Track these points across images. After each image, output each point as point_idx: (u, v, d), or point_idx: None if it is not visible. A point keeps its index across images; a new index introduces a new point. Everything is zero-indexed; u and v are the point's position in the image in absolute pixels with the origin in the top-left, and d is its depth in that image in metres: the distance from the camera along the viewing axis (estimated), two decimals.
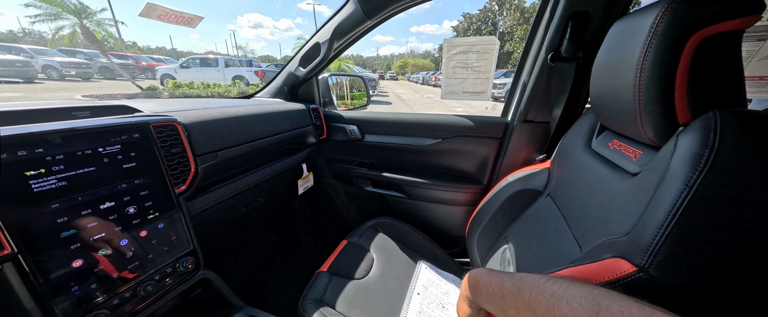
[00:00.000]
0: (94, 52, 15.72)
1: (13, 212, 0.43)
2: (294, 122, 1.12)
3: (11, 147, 0.43)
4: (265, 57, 62.19)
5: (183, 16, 0.85)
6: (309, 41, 1.08)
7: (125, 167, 0.57)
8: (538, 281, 0.33)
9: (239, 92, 10.13)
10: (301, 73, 1.13)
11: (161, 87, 11.01)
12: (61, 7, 10.70)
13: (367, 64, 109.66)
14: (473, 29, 48.91)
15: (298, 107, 1.17)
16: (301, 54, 1.11)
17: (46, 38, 12.23)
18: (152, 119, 0.63)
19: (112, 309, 0.53)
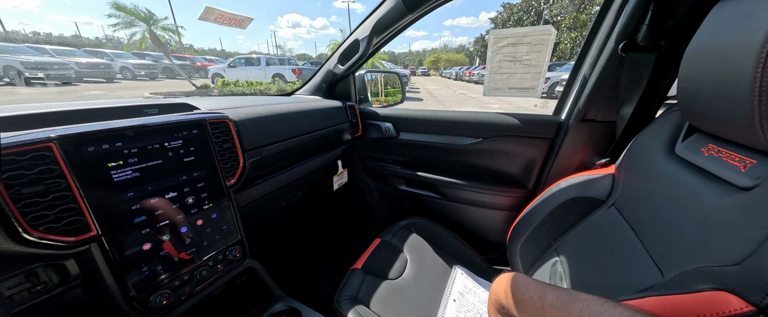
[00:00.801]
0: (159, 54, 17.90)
1: (98, 198, 0.48)
2: (331, 119, 1.14)
3: (98, 141, 0.49)
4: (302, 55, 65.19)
5: (235, 18, 0.92)
6: (348, 39, 1.08)
7: (185, 160, 0.62)
8: (594, 303, 0.28)
9: (278, 88, 10.76)
10: (340, 70, 1.14)
11: (212, 85, 12.15)
12: (134, 16, 12.36)
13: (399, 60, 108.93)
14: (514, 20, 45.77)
15: (335, 104, 1.19)
16: (340, 52, 1.11)
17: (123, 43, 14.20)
18: (208, 116, 0.68)
19: (174, 289, 0.58)
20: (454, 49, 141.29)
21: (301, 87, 1.40)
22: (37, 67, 11.24)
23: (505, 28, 9.94)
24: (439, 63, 63.16)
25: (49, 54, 12.44)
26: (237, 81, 11.17)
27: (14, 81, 10.79)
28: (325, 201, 1.47)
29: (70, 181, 0.45)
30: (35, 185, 0.42)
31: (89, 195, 0.47)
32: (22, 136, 0.42)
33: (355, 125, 1.26)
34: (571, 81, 0.88)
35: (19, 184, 0.41)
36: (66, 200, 0.45)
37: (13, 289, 0.42)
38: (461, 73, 29.00)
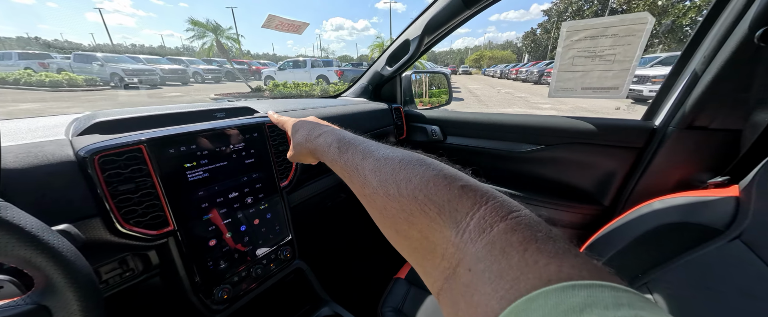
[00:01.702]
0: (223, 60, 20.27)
1: (176, 196, 0.53)
2: (377, 122, 1.12)
3: (177, 143, 0.54)
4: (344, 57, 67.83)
5: (293, 24, 0.97)
6: (396, 40, 1.05)
7: (246, 162, 0.65)
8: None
9: (322, 89, 11.33)
10: (387, 72, 1.12)
11: (264, 86, 13.32)
12: (205, 28, 14.22)
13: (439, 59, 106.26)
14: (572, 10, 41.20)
15: (381, 106, 1.17)
16: (388, 53, 1.09)
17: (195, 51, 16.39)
18: (266, 119, 0.70)
19: (233, 285, 0.61)
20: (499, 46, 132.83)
21: (347, 89, 1.42)
22: (133, 73, 13.61)
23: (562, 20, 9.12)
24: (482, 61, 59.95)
25: (142, 62, 14.98)
26: (285, 82, 12.06)
27: (117, 85, 13.22)
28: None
29: (154, 179, 0.50)
30: (128, 183, 0.47)
31: (169, 193, 0.52)
32: (119, 139, 0.48)
33: (399, 128, 1.23)
34: (670, 80, 0.71)
35: (116, 182, 0.46)
36: (151, 198, 0.50)
37: (109, 273, 0.48)
38: (507, 71, 27.08)
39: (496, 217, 0.16)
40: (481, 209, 0.17)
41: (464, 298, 0.15)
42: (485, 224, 0.16)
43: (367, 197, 0.25)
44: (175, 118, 0.61)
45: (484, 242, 0.16)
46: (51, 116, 0.59)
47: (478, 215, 0.17)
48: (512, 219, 0.16)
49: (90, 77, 12.96)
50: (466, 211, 0.18)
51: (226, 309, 0.61)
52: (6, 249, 0.25)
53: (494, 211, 0.17)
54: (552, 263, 0.13)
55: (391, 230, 0.23)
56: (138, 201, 0.48)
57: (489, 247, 0.15)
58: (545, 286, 0.12)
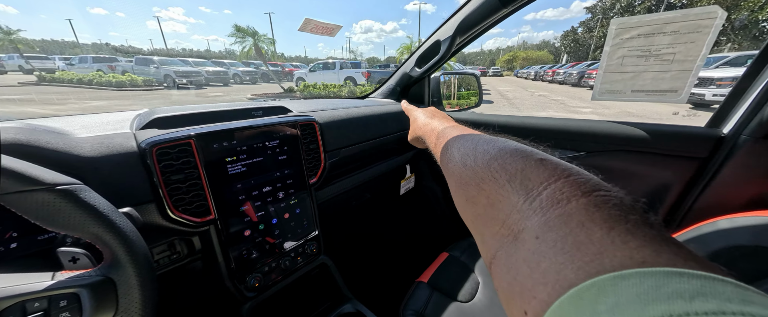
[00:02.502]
0: (259, 63, 21.65)
1: (217, 188, 0.57)
2: (403, 123, 1.12)
3: (219, 139, 0.58)
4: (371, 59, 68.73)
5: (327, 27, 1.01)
6: (427, 41, 1.04)
7: (279, 158, 0.69)
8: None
9: (349, 90, 11.59)
10: (416, 73, 1.11)
11: (296, 87, 13.96)
12: (245, 33, 15.30)
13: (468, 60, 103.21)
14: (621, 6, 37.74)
15: None
16: (418, 54, 1.08)
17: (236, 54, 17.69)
18: (299, 118, 0.74)
19: (264, 274, 0.65)
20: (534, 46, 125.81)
21: (375, 90, 1.44)
22: (183, 75, 15.03)
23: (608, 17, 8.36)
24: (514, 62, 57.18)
25: (190, 65, 16.50)
26: (315, 84, 12.54)
27: (170, 85, 14.68)
28: (391, 205, 1.47)
29: (200, 171, 0.55)
30: (179, 173, 0.52)
31: (211, 184, 0.56)
32: (172, 133, 0.53)
33: None
34: (746, 82, 0.62)
35: (169, 172, 0.51)
36: (196, 188, 0.54)
37: (160, 254, 0.53)
38: (542, 72, 25.54)
39: (576, 191, 0.15)
40: (558, 182, 0.16)
41: (528, 264, 0.14)
42: (561, 195, 0.15)
43: (449, 169, 0.27)
44: (219, 115, 0.66)
45: (558, 213, 0.15)
46: (118, 112, 0.68)
47: (554, 186, 0.16)
48: (597, 197, 0.15)
49: (148, 78, 14.57)
50: (539, 181, 0.17)
51: (256, 296, 0.64)
52: (83, 226, 0.29)
53: (575, 185, 0.16)
54: (647, 247, 0.12)
55: (462, 197, 0.24)
56: (186, 190, 0.53)
57: (564, 218, 0.14)
58: (639, 267, 0.11)
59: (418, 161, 1.35)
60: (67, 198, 0.28)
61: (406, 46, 16.46)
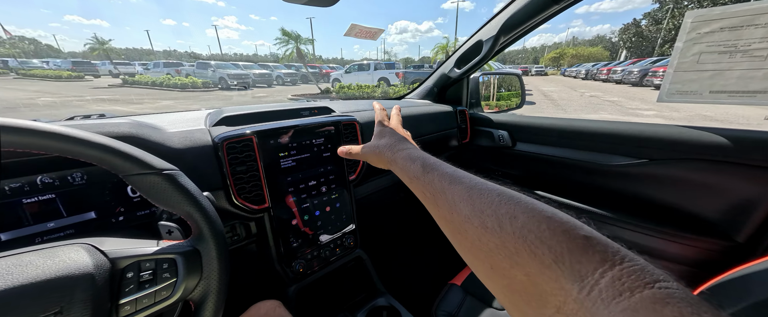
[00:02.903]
0: (299, 65, 23.01)
1: (271, 179, 0.64)
2: (440, 124, 1.12)
3: (276, 136, 0.65)
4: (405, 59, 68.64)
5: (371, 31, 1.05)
6: (468, 41, 1.03)
7: (324, 155, 0.74)
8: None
9: (382, 91, 11.73)
10: (455, 74, 1.10)
11: (332, 88, 14.55)
12: (289, 37, 16.38)
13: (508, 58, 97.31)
14: None
15: (445, 108, 1.16)
16: (458, 55, 1.07)
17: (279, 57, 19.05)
18: (342, 118, 0.78)
19: (307, 261, 0.70)
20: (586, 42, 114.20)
21: (412, 91, 1.45)
22: (234, 77, 16.61)
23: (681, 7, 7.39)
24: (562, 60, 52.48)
25: (241, 68, 18.16)
26: (350, 85, 12.94)
27: (223, 87, 16.31)
28: (421, 208, 1.47)
29: (259, 164, 0.62)
30: (242, 165, 0.59)
31: (267, 176, 0.63)
32: (238, 130, 0.61)
33: (463, 131, 1.20)
34: None
35: (235, 163, 0.58)
36: (255, 179, 0.61)
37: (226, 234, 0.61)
38: (595, 70, 23.06)
39: (637, 281, 0.15)
40: (614, 269, 0.16)
41: None
42: (622, 287, 0.15)
43: (454, 223, 0.24)
44: (274, 115, 0.74)
45: (622, 307, 0.14)
46: (194, 111, 0.78)
47: (611, 274, 0.15)
48: (661, 289, 0.14)
49: (206, 81, 16.40)
50: (594, 267, 0.16)
51: (300, 280, 0.70)
52: (179, 204, 0.35)
53: (634, 274, 0.15)
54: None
55: (485, 264, 0.21)
56: (246, 180, 0.60)
57: (629, 313, 0.14)
58: None
59: (454, 164, 1.33)
60: (170, 181, 0.35)
61: (441, 46, 16.12)
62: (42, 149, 0.28)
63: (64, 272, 0.28)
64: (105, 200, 0.52)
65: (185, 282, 0.35)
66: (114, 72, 26.65)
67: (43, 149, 0.28)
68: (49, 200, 0.47)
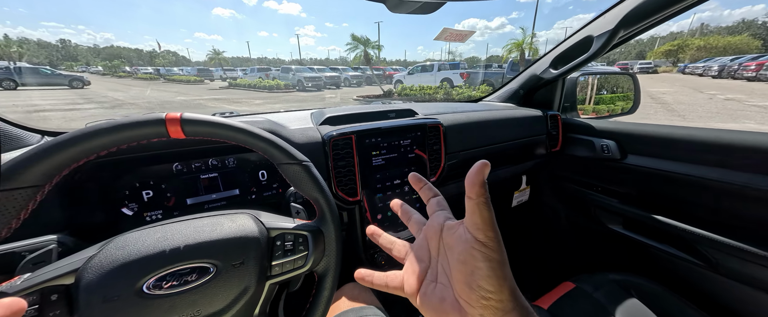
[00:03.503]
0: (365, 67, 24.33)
1: (364, 175, 0.70)
2: (526, 130, 1.03)
3: (369, 136, 0.70)
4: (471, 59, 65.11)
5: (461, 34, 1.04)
6: (570, 38, 0.91)
7: (409, 156, 0.77)
8: None
9: (445, 92, 11.42)
10: (550, 74, 0.99)
11: (394, 90, 14.90)
12: (358, 41, 17.52)
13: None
14: None
15: (532, 112, 1.06)
16: (557, 53, 0.96)
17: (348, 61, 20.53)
18: (428, 121, 0.80)
19: (387, 255, 0.74)
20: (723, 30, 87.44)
21: (492, 93, 1.37)
22: (309, 79, 18.64)
23: None
24: (682, 53, 41.33)
25: (315, 71, 20.28)
26: (412, 86, 13.01)
27: (300, 88, 18.50)
28: (501, 215, 1.38)
29: (355, 161, 0.68)
30: (342, 161, 0.67)
31: (361, 172, 0.69)
32: (341, 129, 0.68)
33: (553, 138, 1.07)
34: None
35: (337, 159, 0.66)
36: (351, 174, 0.68)
37: None
38: (735, 66, 17.43)
39: None
40: None
41: None
42: None
43: None
44: (366, 116, 0.80)
45: None
46: (299, 111, 0.91)
47: None
48: None
49: (287, 83, 18.91)
50: None
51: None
52: (309, 190, 0.42)
53: None
54: None
55: None
56: (344, 174, 0.67)
57: None
58: None
59: (537, 174, 1.21)
60: (306, 170, 0.42)
61: (516, 43, 14.62)
62: (229, 139, 0.38)
63: (243, 233, 0.37)
64: (245, 181, 0.65)
65: (314, 255, 0.41)
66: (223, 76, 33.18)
67: (230, 139, 0.38)
68: (213, 178, 0.62)
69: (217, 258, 0.34)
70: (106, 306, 0.29)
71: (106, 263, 0.31)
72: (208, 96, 15.02)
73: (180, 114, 0.34)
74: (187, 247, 0.34)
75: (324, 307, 0.43)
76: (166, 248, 0.33)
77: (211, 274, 0.34)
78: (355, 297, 0.59)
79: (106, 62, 50.33)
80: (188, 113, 0.35)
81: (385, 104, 1.08)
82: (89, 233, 0.45)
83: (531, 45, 15.55)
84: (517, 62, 13.90)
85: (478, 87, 10.68)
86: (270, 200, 0.67)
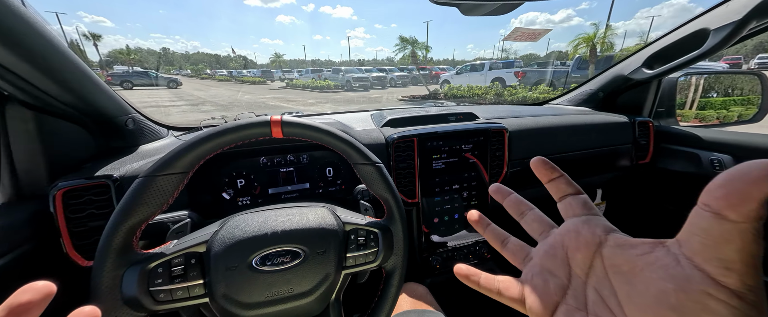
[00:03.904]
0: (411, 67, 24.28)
1: (423, 178, 0.70)
2: (607, 138, 0.90)
3: (428, 139, 0.70)
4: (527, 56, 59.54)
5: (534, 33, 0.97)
6: (677, 30, 0.77)
7: (469, 161, 0.75)
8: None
9: (495, 93, 10.70)
10: (644, 75, 0.85)
11: (440, 90, 14.54)
12: (406, 42, 17.57)
13: None
14: None
15: (616, 119, 0.92)
16: (655, 49, 0.83)
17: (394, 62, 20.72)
18: (491, 126, 0.76)
19: (442, 259, 0.74)
20: None
21: (561, 96, 1.24)
22: (357, 80, 19.39)
23: None
24: None
25: (362, 72, 20.99)
26: (460, 86, 12.51)
27: (347, 88, 19.36)
28: None
29: (415, 163, 0.69)
30: (403, 162, 0.68)
31: (420, 174, 0.70)
32: (403, 132, 0.70)
33: (642, 149, 0.92)
34: None
35: (398, 160, 0.68)
36: (411, 176, 0.69)
37: None
38: None
39: None
40: None
41: None
42: None
43: None
44: (425, 119, 0.80)
45: None
46: (359, 113, 0.95)
47: None
48: None
49: (337, 83, 19.97)
50: None
51: (436, 276, 0.74)
52: (381, 189, 0.44)
53: None
54: None
55: None
56: (404, 176, 0.69)
57: None
58: None
59: (617, 189, 1.05)
60: (378, 171, 0.44)
61: (585, 37, 12.80)
62: (316, 139, 0.42)
63: (324, 225, 0.41)
64: (314, 176, 0.71)
65: (384, 252, 0.43)
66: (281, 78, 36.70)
67: (317, 139, 0.42)
68: (290, 172, 0.69)
69: (305, 244, 0.39)
70: (227, 273, 0.35)
71: (227, 238, 0.37)
72: (269, 95, 16.73)
73: (281, 117, 0.39)
74: (283, 232, 0.39)
75: (391, 303, 0.44)
76: (267, 231, 0.38)
77: (300, 258, 0.38)
78: (414, 296, 0.60)
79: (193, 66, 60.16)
80: (287, 117, 0.40)
81: (438, 105, 1.06)
82: (203, 211, 0.54)
83: (604, 39, 13.54)
84: (587, 59, 12.22)
85: (535, 87, 9.72)
86: (334, 195, 0.72)
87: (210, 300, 0.35)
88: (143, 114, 0.69)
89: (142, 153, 0.60)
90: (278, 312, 0.38)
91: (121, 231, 0.32)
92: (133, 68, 27.47)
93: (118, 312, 0.32)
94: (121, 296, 0.32)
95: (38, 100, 0.46)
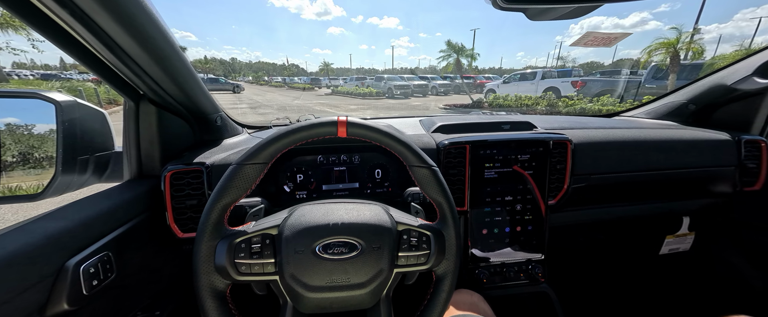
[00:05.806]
0: (455, 76, 23.78)
1: (474, 187, 0.68)
2: (701, 158, 0.77)
3: (484, 147, 0.68)
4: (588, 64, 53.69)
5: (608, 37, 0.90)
6: None
7: (525, 173, 0.70)
8: None
9: (548, 104, 9.84)
10: (755, 85, 0.71)
11: (485, 99, 13.91)
12: (452, 48, 17.33)
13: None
14: None
15: (716, 136, 0.78)
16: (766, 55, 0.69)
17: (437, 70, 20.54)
18: (554, 136, 0.71)
19: (489, 273, 0.70)
20: None
21: (633, 109, 1.10)
22: (398, 88, 19.69)
23: None
24: None
25: (404, 80, 21.24)
26: (507, 95, 11.82)
27: (389, 96, 19.73)
28: (640, 262, 1.07)
29: (466, 170, 0.68)
30: (453, 169, 0.67)
31: (471, 183, 0.68)
32: (455, 138, 0.69)
33: (750, 173, 0.76)
34: None
35: (448, 167, 0.67)
36: (460, 183, 0.68)
37: None
38: None
39: None
40: None
41: None
42: None
43: None
44: (477, 127, 0.78)
45: None
46: (408, 118, 0.97)
47: None
48: None
49: (379, 91, 20.53)
50: None
51: (481, 290, 0.71)
52: (435, 193, 0.44)
53: None
54: None
55: None
56: (453, 183, 0.68)
57: None
58: None
59: (710, 218, 0.88)
60: (433, 175, 0.44)
61: (666, 42, 10.95)
62: (376, 140, 0.44)
63: (379, 222, 0.43)
64: (364, 177, 0.74)
65: (435, 255, 0.43)
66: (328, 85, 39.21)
67: (377, 140, 0.44)
68: (342, 171, 0.74)
69: (361, 238, 0.41)
70: (295, 256, 0.39)
71: (296, 224, 0.41)
72: (316, 101, 17.92)
73: (346, 118, 0.43)
74: (343, 224, 0.41)
75: (441, 309, 0.44)
76: (329, 222, 0.41)
77: (358, 250, 0.40)
78: (466, 304, 0.58)
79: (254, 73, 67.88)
80: (352, 118, 0.43)
81: (486, 114, 1.02)
82: (269, 199, 0.61)
83: (690, 43, 11.52)
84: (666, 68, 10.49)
85: (597, 98, 8.65)
86: (381, 196, 0.74)
87: (279, 278, 0.40)
88: (226, 114, 0.81)
89: (224, 146, 0.70)
90: (335, 299, 0.40)
91: (217, 208, 0.38)
92: (207, 75, 32.07)
93: (211, 277, 0.38)
94: (214, 264, 0.38)
95: (160, 97, 0.57)
